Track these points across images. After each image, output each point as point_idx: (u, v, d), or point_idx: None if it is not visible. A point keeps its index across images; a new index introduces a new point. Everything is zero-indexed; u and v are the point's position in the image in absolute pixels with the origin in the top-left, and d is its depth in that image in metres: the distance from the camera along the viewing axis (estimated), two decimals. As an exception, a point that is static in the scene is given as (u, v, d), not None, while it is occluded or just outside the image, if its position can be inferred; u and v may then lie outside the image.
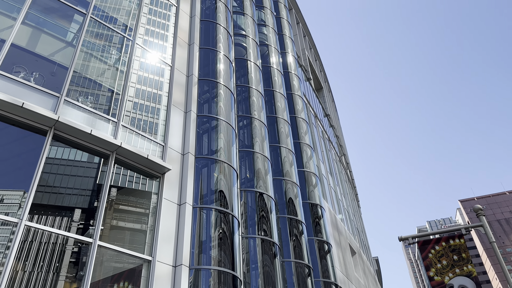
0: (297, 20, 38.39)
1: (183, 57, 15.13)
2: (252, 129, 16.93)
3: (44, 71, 10.70)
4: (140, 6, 14.64)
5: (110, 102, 11.82)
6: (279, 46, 24.22)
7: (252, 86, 18.37)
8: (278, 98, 20.78)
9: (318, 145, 27.93)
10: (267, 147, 17.16)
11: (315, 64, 42.13)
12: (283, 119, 20.03)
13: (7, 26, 10.46)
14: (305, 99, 28.75)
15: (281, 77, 22.10)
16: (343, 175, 37.88)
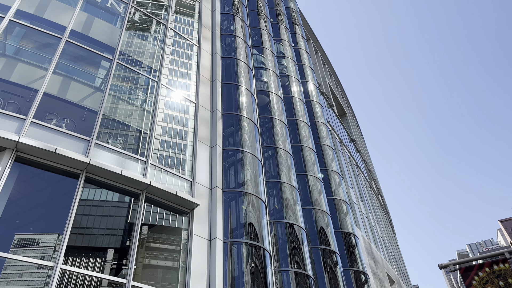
0: (315, 49, 38.88)
1: (206, 93, 15.49)
2: (278, 159, 16.90)
3: (75, 117, 11.16)
4: (163, 48, 15.22)
5: (139, 142, 12.13)
6: (299, 76, 24.48)
7: (275, 116, 18.49)
8: (302, 126, 20.79)
9: (346, 172, 27.50)
10: (294, 177, 17.02)
11: (337, 90, 42.19)
12: (308, 147, 19.94)
13: (39, 77, 11.05)
14: (329, 126, 28.64)
15: (303, 106, 22.20)
16: (375, 200, 36.93)
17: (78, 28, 13.00)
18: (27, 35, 11.94)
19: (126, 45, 13.98)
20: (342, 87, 45.29)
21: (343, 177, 24.96)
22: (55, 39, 12.11)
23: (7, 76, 10.80)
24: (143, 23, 15.58)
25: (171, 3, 17.34)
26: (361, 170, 35.43)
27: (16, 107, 10.11)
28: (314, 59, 37.11)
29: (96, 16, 14.00)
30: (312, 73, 26.94)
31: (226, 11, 20.29)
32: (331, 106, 34.35)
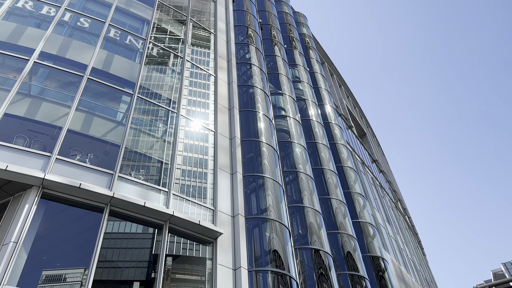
0: (330, 72, 39.08)
1: (224, 121, 15.65)
2: (299, 183, 16.75)
3: (98, 151, 11.41)
4: (181, 80, 15.57)
5: (160, 173, 12.26)
6: (316, 99, 24.54)
7: (294, 140, 18.46)
8: (322, 149, 20.66)
9: (370, 193, 26.96)
10: (317, 200, 16.79)
11: (355, 111, 42.00)
12: (329, 170, 19.72)
13: (63, 114, 11.43)
14: (350, 147, 28.36)
15: (321, 129, 22.13)
16: (402, 222, 35.92)
17: (99, 65, 13.47)
18: (50, 75, 12.44)
19: (146, 79, 14.37)
20: (360, 108, 45.08)
21: (367, 199, 24.47)
22: (77, 77, 12.57)
23: (32, 116, 11.21)
24: (161, 57, 16.04)
25: (187, 36, 17.85)
26: (385, 191, 34.70)
27: (42, 144, 10.42)
28: (330, 81, 37.24)
29: (116, 53, 14.51)
30: (328, 96, 26.98)
31: (241, 41, 20.73)
32: (350, 127, 34.13)
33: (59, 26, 13.98)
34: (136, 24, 16.66)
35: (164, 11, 18.20)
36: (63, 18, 14.34)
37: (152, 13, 17.30)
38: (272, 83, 21.37)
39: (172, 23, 18.13)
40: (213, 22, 20.60)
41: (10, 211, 9.50)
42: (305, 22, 33.21)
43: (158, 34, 16.80)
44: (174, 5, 19.06)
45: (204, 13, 20.60)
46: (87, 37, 14.42)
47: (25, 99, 11.47)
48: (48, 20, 13.90)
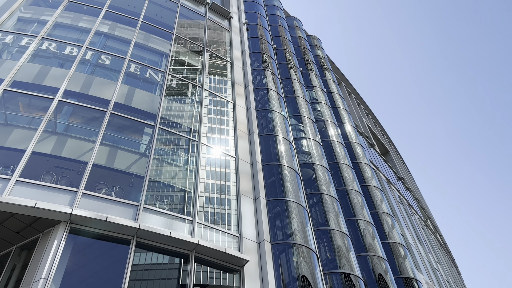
0: (348, 91, 39.01)
1: (245, 147, 15.71)
2: (324, 205, 16.49)
3: (123, 184, 11.59)
4: (201, 108, 15.82)
5: (184, 201, 12.31)
6: (335, 119, 24.44)
7: (316, 162, 18.31)
8: (344, 169, 20.39)
9: (398, 212, 26.26)
10: (343, 222, 16.44)
11: (376, 129, 41.52)
12: (354, 190, 19.38)
13: (88, 149, 11.72)
14: (373, 166, 27.90)
15: (343, 148, 21.91)
16: (433, 240, 34.68)
17: (121, 100, 13.86)
18: (75, 112, 12.85)
19: (166, 110, 14.66)
20: (381, 125, 44.57)
21: (395, 218, 23.82)
22: (100, 112, 12.94)
23: (58, 152, 11.53)
24: (180, 88, 16.39)
25: (204, 66, 18.24)
26: (413, 209, 33.74)
27: (68, 180, 10.67)
28: (348, 101, 37.11)
29: (137, 87, 14.92)
30: (347, 115, 26.83)
31: (257, 67, 21.02)
32: (372, 146, 33.67)
33: (81, 65, 14.54)
34: (155, 58, 17.16)
35: (181, 43, 18.72)
36: (85, 57, 14.93)
37: (170, 46, 17.82)
38: (290, 106, 21.45)
39: (189, 54, 18.60)
40: (228, 50, 21.03)
41: (39, 247, 9.66)
42: (319, 44, 33.52)
43: (176, 66, 17.24)
44: (191, 37, 19.60)
45: (219, 43, 21.08)
46: (108, 73, 14.92)
47: (51, 137, 11.84)
48: (71, 59, 14.49)
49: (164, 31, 18.60)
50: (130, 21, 17.91)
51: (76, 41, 15.48)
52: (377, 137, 38.87)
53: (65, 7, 17.00)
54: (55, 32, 15.67)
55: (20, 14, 16.15)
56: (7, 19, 15.35)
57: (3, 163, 10.50)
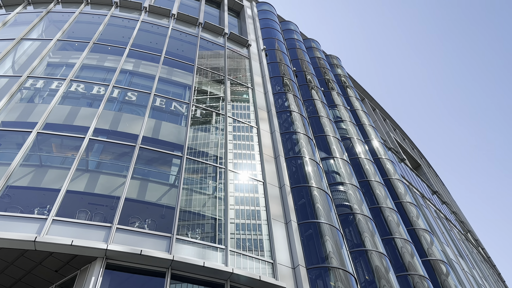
0: (372, 107, 38.60)
1: (272, 170, 15.66)
2: (358, 225, 16.08)
3: (155, 216, 11.72)
4: (225, 135, 15.98)
5: (215, 229, 12.29)
6: (361, 136, 24.12)
7: (345, 181, 18.00)
8: (376, 186, 19.93)
9: (436, 227, 25.28)
10: (380, 242, 15.94)
11: (405, 143, 40.66)
12: (388, 208, 18.85)
13: (119, 184, 11.97)
14: (406, 181, 27.17)
15: (372, 165, 21.49)
16: (476, 254, 33.06)
17: (149, 133, 14.20)
18: (105, 149, 13.23)
19: (192, 140, 14.89)
20: (410, 139, 43.62)
21: (433, 234, 22.93)
22: (129, 147, 13.27)
23: (91, 189, 11.84)
24: (204, 117, 16.67)
25: (226, 94, 18.54)
26: (452, 223, 32.43)
27: (102, 216, 10.88)
28: (373, 116, 36.66)
29: (163, 120, 15.28)
30: (374, 131, 26.45)
31: (278, 91, 21.18)
32: (403, 160, 32.90)
33: (109, 103, 15.07)
34: (178, 90, 17.61)
35: (203, 74, 19.17)
36: (112, 95, 15.47)
37: (192, 78, 18.26)
38: (314, 127, 21.37)
39: (211, 84, 18.98)
40: (249, 77, 21.34)
41: (78, 285, 9.80)
42: (339, 63, 33.57)
43: (199, 96, 17.60)
44: (211, 67, 20.05)
45: (239, 70, 21.45)
46: (135, 109, 15.38)
47: (84, 174, 12.19)
48: (99, 98, 15.05)
49: (186, 64, 19.12)
50: (153, 57, 18.54)
51: (103, 81, 16.11)
52: (406, 151, 38.00)
53: (91, 49, 17.81)
54: (83, 73, 16.38)
55: (49, 59, 17.02)
56: (37, 65, 16.19)
57: (40, 203, 10.85)
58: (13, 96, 14.40)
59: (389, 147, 31.45)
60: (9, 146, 12.71)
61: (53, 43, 17.70)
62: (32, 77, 15.43)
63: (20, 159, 11.83)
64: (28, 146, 12.30)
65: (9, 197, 10.86)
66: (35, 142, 12.61)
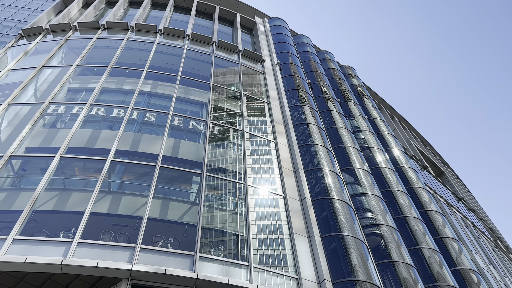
0: (390, 115, 38.16)
1: (292, 184, 15.56)
2: (383, 237, 15.73)
3: (177, 234, 11.75)
4: (243, 151, 16.01)
5: (237, 246, 12.22)
6: (381, 145, 23.80)
7: (367, 191, 17.73)
8: (399, 196, 19.55)
9: (464, 235, 24.53)
10: (406, 252, 15.54)
11: (426, 150, 39.92)
12: (413, 217, 18.42)
13: (142, 204, 12.09)
14: (430, 189, 26.57)
15: (394, 174, 21.13)
16: (507, 262, 31.84)
17: (168, 153, 14.37)
18: (127, 170, 13.43)
19: (211, 157, 14.98)
20: (431, 146, 42.81)
21: (461, 242, 22.24)
22: (150, 167, 13.43)
23: (114, 210, 11.98)
24: (222, 133, 16.78)
25: (242, 110, 18.66)
26: (480, 230, 31.42)
27: (126, 237, 10.98)
28: (392, 125, 36.22)
29: (182, 138, 15.46)
30: (394, 139, 26.08)
31: (294, 104, 21.20)
32: (425, 168, 32.25)
33: (129, 124, 15.35)
34: (196, 108, 17.82)
35: (218, 91, 19.37)
36: (132, 117, 15.77)
37: (209, 96, 18.48)
38: (332, 138, 21.23)
39: (227, 100, 19.15)
40: (264, 91, 21.46)
41: (104, 306, 9.84)
42: (354, 73, 33.45)
43: (216, 113, 17.76)
44: (227, 84, 20.26)
45: (255, 85, 21.60)
46: (154, 129, 15.62)
47: (107, 196, 12.37)
48: (118, 120, 15.35)
49: (202, 82, 19.39)
50: (170, 78, 18.88)
51: (122, 103, 16.46)
52: (428, 158, 37.28)
53: (109, 73, 18.27)
54: (102, 97, 16.78)
55: (69, 85, 17.52)
56: (58, 91, 16.68)
57: (65, 226, 11.03)
58: (36, 123, 14.83)
59: (410, 155, 30.92)
60: (34, 171, 13.04)
61: (73, 69, 18.24)
62: (53, 103, 15.89)
63: (44, 184, 12.10)
64: (52, 171, 12.59)
65: (35, 222, 11.09)
66: (58, 167, 12.90)
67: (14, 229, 10.49)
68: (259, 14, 31.97)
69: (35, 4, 43.70)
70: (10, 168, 12.86)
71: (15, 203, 11.80)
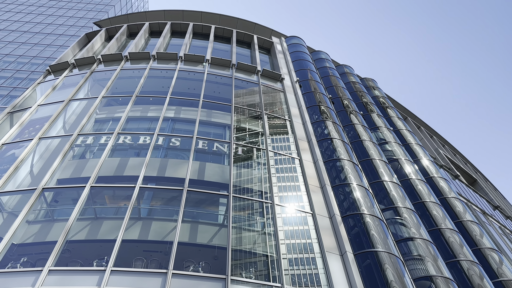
0: (416, 125, 37.43)
1: (320, 201, 15.35)
2: (418, 251, 15.20)
3: (208, 258, 11.70)
4: (268, 169, 15.97)
5: (268, 267, 12.04)
6: (409, 156, 23.29)
7: (398, 204, 17.27)
8: (432, 207, 18.95)
9: (503, 245, 23.42)
10: (444, 266, 14.94)
11: (456, 159, 38.79)
12: (448, 229, 17.78)
13: (171, 229, 12.15)
14: (463, 199, 25.67)
15: (425, 185, 20.56)
16: (555, 271, 30.07)
17: (194, 176, 14.49)
18: (155, 195, 13.60)
19: (236, 177, 15.00)
20: (461, 154, 41.58)
21: (501, 252, 21.23)
22: (177, 191, 13.56)
23: (145, 236, 12.08)
24: (246, 153, 16.83)
25: (265, 129, 18.72)
26: (521, 238, 29.93)
27: (158, 262, 11.02)
28: (419, 135, 35.47)
29: (207, 161, 15.59)
30: (422, 149, 25.49)
31: (316, 119, 21.12)
32: (457, 177, 31.26)
33: (155, 150, 15.63)
34: (219, 130, 18.01)
35: (240, 112, 19.55)
36: (157, 143, 16.06)
37: (231, 117, 18.67)
38: (357, 152, 20.94)
39: (249, 121, 19.28)
40: (285, 109, 21.50)
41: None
42: (375, 85, 33.16)
43: (239, 133, 17.88)
44: (248, 104, 20.43)
45: (275, 104, 21.69)
46: (180, 153, 15.84)
47: (137, 223, 12.51)
48: (145, 147, 15.66)
49: (224, 105, 19.63)
50: (192, 102, 19.22)
51: (148, 130, 16.82)
52: (459, 167, 36.15)
53: (134, 102, 18.76)
54: (128, 125, 17.20)
55: (96, 116, 18.06)
56: (86, 123, 17.21)
57: (98, 255, 11.18)
58: (66, 154, 15.29)
59: (440, 165, 30.08)
60: (66, 202, 13.37)
61: (99, 101, 18.84)
62: (82, 134, 16.38)
63: (76, 214, 12.37)
64: (83, 201, 12.88)
65: (69, 252, 11.30)
66: (89, 196, 13.20)
67: (49, 260, 10.71)
68: (275, 34, 32.38)
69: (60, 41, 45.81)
70: (43, 200, 13.24)
71: (49, 234, 12.08)
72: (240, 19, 32.20)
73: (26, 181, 14.14)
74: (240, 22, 32.35)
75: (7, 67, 40.27)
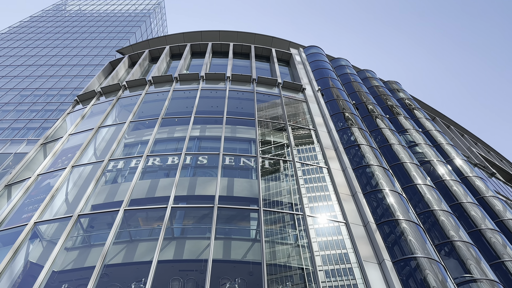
0: (446, 125, 36.44)
1: (352, 209, 15.07)
2: (459, 254, 14.64)
3: (243, 274, 11.66)
4: (297, 181, 15.85)
5: (304, 280, 11.87)
6: (441, 157, 22.63)
7: (434, 207, 16.75)
8: (469, 208, 18.27)
9: (551, 242, 22.23)
10: (488, 268, 14.30)
11: (490, 156, 37.40)
12: (488, 229, 17.06)
13: (205, 246, 12.19)
14: (502, 197, 24.64)
15: (460, 186, 19.88)
16: None
17: (224, 192, 14.56)
18: (187, 214, 13.72)
19: (265, 191, 14.97)
20: (495, 150, 40.08)
21: (550, 250, 20.15)
22: (208, 209, 13.64)
23: (180, 256, 12.17)
24: (273, 166, 16.80)
25: (290, 140, 18.67)
26: None
27: (194, 282, 11.05)
28: (449, 134, 34.49)
29: (235, 177, 15.66)
30: (453, 149, 24.74)
31: (341, 127, 20.91)
32: (493, 175, 30.09)
33: (184, 170, 15.84)
34: (244, 145, 18.10)
35: (264, 125, 19.60)
36: (186, 162, 16.29)
37: (255, 131, 18.75)
38: (386, 156, 20.53)
39: (273, 133, 19.29)
40: (309, 119, 21.41)
41: None
42: (400, 87, 32.62)
43: (264, 147, 17.90)
44: (271, 117, 20.48)
45: (298, 114, 21.64)
46: (208, 171, 15.99)
47: (171, 243, 12.64)
48: (174, 167, 15.90)
49: (247, 119, 19.76)
50: (216, 120, 19.45)
51: (175, 150, 17.09)
52: (495, 164, 34.82)
53: (160, 124, 19.16)
54: (156, 147, 17.55)
55: (125, 140, 18.52)
56: (116, 148, 17.66)
57: (135, 277, 11.33)
58: (99, 180, 15.70)
59: (474, 163, 29.06)
60: (101, 227, 13.68)
61: (127, 125, 19.34)
62: (113, 159, 16.82)
63: (112, 238, 12.62)
64: (118, 224, 13.14)
65: (107, 276, 11.51)
66: (123, 219, 13.46)
67: (89, 285, 10.92)
68: (293, 46, 32.51)
69: (86, 71, 47.58)
70: (80, 226, 13.59)
71: (87, 259, 12.36)
72: (257, 34, 32.55)
73: (62, 209, 14.58)
74: (257, 37, 32.69)
75: (38, 101, 42.07)
